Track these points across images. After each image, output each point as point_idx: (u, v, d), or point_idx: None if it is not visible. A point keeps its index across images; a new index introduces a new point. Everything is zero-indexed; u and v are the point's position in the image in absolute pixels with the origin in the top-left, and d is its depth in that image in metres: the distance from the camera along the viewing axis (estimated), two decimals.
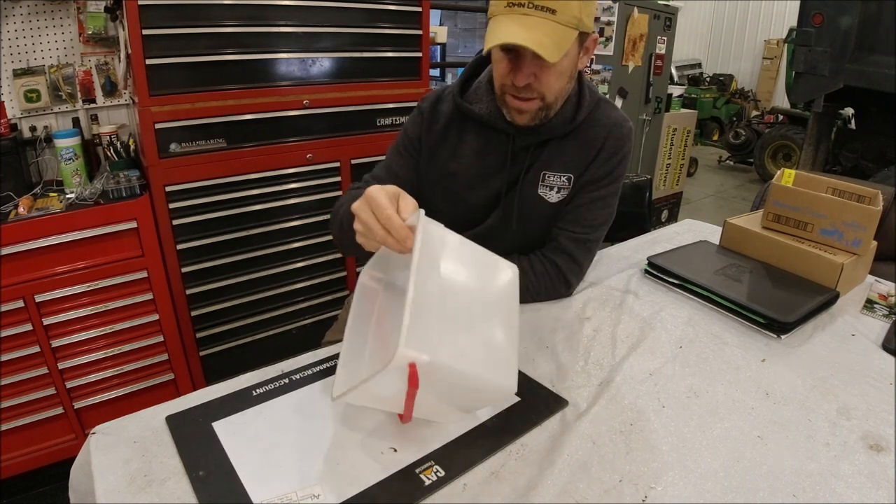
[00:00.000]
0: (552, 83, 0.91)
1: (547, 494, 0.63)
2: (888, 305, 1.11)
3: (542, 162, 1.04)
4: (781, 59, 7.41)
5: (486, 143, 1.05)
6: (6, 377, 1.55)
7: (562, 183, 1.04)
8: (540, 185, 1.04)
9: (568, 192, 1.05)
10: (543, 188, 1.04)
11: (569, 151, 1.04)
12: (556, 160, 1.04)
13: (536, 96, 0.93)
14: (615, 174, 1.06)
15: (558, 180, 1.03)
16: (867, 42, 2.84)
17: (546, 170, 1.04)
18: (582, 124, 1.03)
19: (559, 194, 1.05)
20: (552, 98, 0.94)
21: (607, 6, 2.96)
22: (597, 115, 1.04)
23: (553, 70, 0.89)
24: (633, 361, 0.90)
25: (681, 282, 1.14)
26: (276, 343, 2.06)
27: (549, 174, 1.04)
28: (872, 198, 1.20)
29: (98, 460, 0.67)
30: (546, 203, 1.05)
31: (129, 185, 1.65)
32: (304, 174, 1.95)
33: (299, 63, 1.83)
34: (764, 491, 0.64)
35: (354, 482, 0.64)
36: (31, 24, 1.73)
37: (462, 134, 1.07)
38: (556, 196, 1.05)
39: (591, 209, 1.06)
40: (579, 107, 1.02)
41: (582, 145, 1.03)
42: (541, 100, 0.94)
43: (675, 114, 4.00)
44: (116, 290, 1.67)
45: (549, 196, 1.04)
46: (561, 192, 1.05)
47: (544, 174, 1.04)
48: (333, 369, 0.86)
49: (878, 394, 0.83)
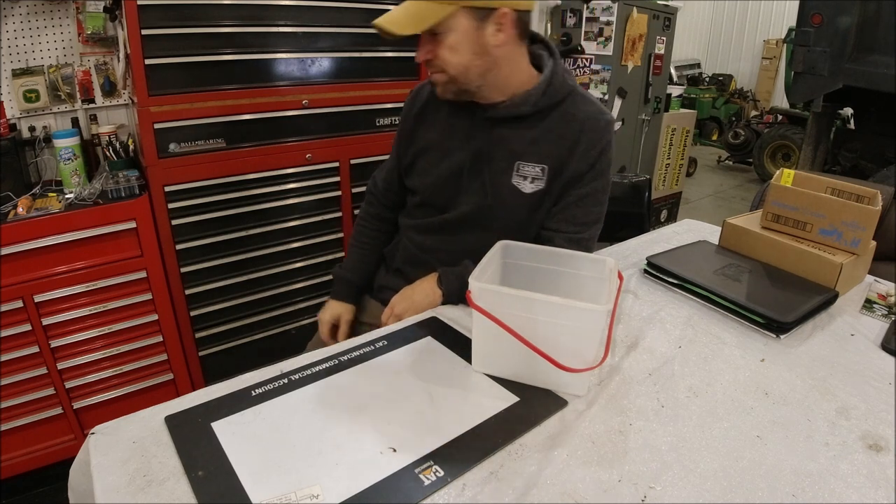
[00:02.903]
0: (447, 57, 0.95)
1: (546, 494, 0.63)
2: (887, 305, 1.12)
3: (515, 152, 1.05)
4: (780, 59, 7.42)
5: (454, 116, 1.10)
6: (6, 377, 1.55)
7: (535, 173, 1.04)
8: (514, 174, 1.05)
9: (544, 185, 1.05)
10: (517, 178, 1.05)
11: (541, 142, 1.04)
12: (528, 150, 1.05)
13: (439, 70, 0.99)
14: (598, 168, 1.05)
15: (532, 170, 1.04)
16: (866, 42, 2.84)
17: (520, 160, 1.05)
18: (553, 115, 1.04)
19: (533, 185, 1.05)
20: (454, 72, 0.97)
21: (606, 6, 2.95)
22: (570, 108, 1.04)
23: (444, 45, 0.94)
24: (633, 361, 0.90)
25: (680, 282, 1.14)
26: (276, 343, 2.06)
27: (523, 164, 1.05)
28: (871, 198, 1.20)
29: (97, 460, 0.67)
30: (521, 193, 1.06)
31: (128, 186, 1.65)
32: (303, 174, 1.95)
33: (298, 63, 1.83)
34: (763, 491, 0.65)
35: (354, 482, 0.64)
36: (30, 24, 1.73)
37: (437, 112, 1.13)
38: (530, 186, 1.05)
39: (580, 207, 1.06)
40: (544, 93, 1.02)
41: (557, 138, 1.03)
42: (444, 73, 0.98)
43: (675, 114, 4.00)
44: (115, 290, 1.67)
45: (522, 186, 1.05)
46: (535, 183, 1.05)
47: (518, 164, 1.05)
48: (333, 369, 0.87)
49: (877, 394, 0.83)
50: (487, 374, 0.85)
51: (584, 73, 3.17)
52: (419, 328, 1.00)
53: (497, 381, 0.84)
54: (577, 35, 3.12)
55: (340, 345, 0.94)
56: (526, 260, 0.96)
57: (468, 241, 1.10)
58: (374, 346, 0.94)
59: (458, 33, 0.93)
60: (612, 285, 0.84)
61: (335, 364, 0.88)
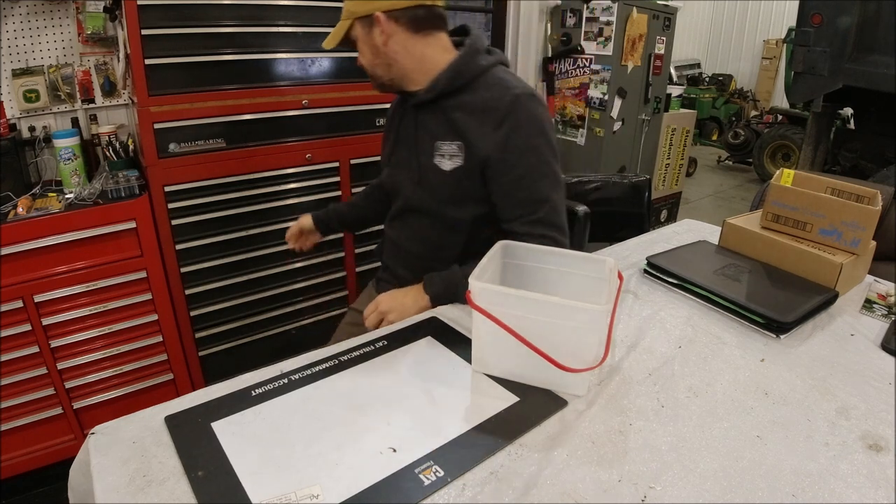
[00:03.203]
0: (360, 60, 1.13)
1: (546, 494, 0.63)
2: (887, 305, 1.12)
3: (434, 133, 1.12)
4: (780, 59, 7.41)
5: (395, 109, 1.25)
6: (6, 377, 1.55)
7: (453, 150, 1.09)
8: (435, 154, 1.11)
9: (462, 161, 1.08)
10: (438, 157, 1.11)
11: (456, 121, 1.09)
12: (445, 130, 1.10)
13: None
14: (516, 145, 1.05)
15: (449, 148, 1.10)
16: (866, 42, 2.84)
17: (438, 139, 1.11)
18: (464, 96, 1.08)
19: (452, 161, 1.10)
20: (368, 71, 1.14)
21: (606, 6, 2.95)
22: (480, 88, 1.08)
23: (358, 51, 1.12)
24: (633, 361, 0.90)
25: (680, 282, 1.14)
26: (276, 343, 2.06)
27: (441, 143, 1.11)
28: (871, 198, 1.20)
29: (97, 460, 0.67)
30: (441, 171, 1.11)
31: (128, 185, 1.65)
32: (303, 174, 1.95)
33: (298, 63, 1.83)
34: (763, 491, 0.65)
35: (354, 482, 0.64)
36: (30, 24, 1.73)
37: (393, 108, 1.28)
38: (449, 164, 1.10)
39: (521, 189, 1.06)
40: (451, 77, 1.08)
41: (467, 116, 1.08)
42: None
43: (675, 114, 4.00)
44: (115, 290, 1.67)
45: (443, 164, 1.10)
46: (454, 160, 1.09)
47: (437, 143, 1.11)
48: (333, 369, 0.87)
49: (877, 394, 0.83)
50: (487, 374, 0.85)
51: (583, 73, 3.17)
52: (419, 328, 1.00)
53: (497, 381, 0.84)
54: (577, 35, 3.12)
55: (340, 345, 0.94)
56: (526, 260, 0.96)
57: (421, 227, 1.18)
58: (374, 346, 0.94)
59: (360, 41, 1.10)
60: (612, 285, 0.84)
61: (335, 364, 0.88)
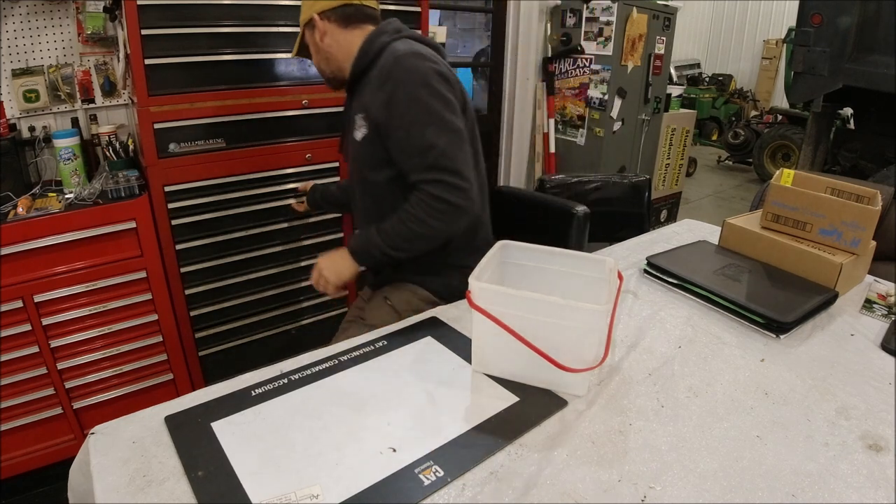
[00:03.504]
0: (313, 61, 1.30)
1: (546, 494, 0.63)
2: (887, 305, 1.12)
3: (353, 111, 1.24)
4: (780, 59, 7.41)
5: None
6: (6, 377, 1.55)
7: (361, 122, 1.20)
8: (354, 130, 1.22)
9: (367, 130, 1.18)
10: (355, 131, 1.22)
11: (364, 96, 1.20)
12: (358, 106, 1.22)
13: None
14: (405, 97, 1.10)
15: (360, 120, 1.20)
16: (866, 42, 2.84)
17: (355, 115, 1.22)
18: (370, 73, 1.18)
19: (360, 132, 1.20)
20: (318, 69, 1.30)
21: (606, 6, 2.95)
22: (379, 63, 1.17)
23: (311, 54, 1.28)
24: (633, 361, 0.90)
25: (680, 282, 1.14)
26: (276, 343, 2.06)
27: (356, 116, 1.22)
28: (871, 198, 1.20)
29: (97, 460, 0.67)
30: (357, 142, 1.22)
31: (127, 185, 1.65)
32: (303, 174, 1.95)
33: (298, 63, 1.83)
34: (763, 491, 0.65)
35: (354, 482, 0.64)
36: (29, 24, 1.73)
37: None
38: (360, 134, 1.20)
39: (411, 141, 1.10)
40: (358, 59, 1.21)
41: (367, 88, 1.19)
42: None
43: (674, 114, 4.00)
44: (115, 290, 1.67)
45: (357, 135, 1.21)
46: (362, 130, 1.20)
47: (354, 118, 1.22)
48: (333, 369, 0.87)
49: (877, 394, 0.83)
50: (487, 374, 0.85)
51: (583, 73, 3.17)
52: (419, 328, 1.00)
53: (497, 381, 0.84)
54: (576, 35, 3.12)
55: (340, 345, 0.94)
56: (526, 260, 0.96)
57: (362, 200, 1.29)
58: (374, 346, 0.94)
59: (310, 44, 1.26)
60: (612, 285, 0.84)
61: (335, 364, 0.88)
